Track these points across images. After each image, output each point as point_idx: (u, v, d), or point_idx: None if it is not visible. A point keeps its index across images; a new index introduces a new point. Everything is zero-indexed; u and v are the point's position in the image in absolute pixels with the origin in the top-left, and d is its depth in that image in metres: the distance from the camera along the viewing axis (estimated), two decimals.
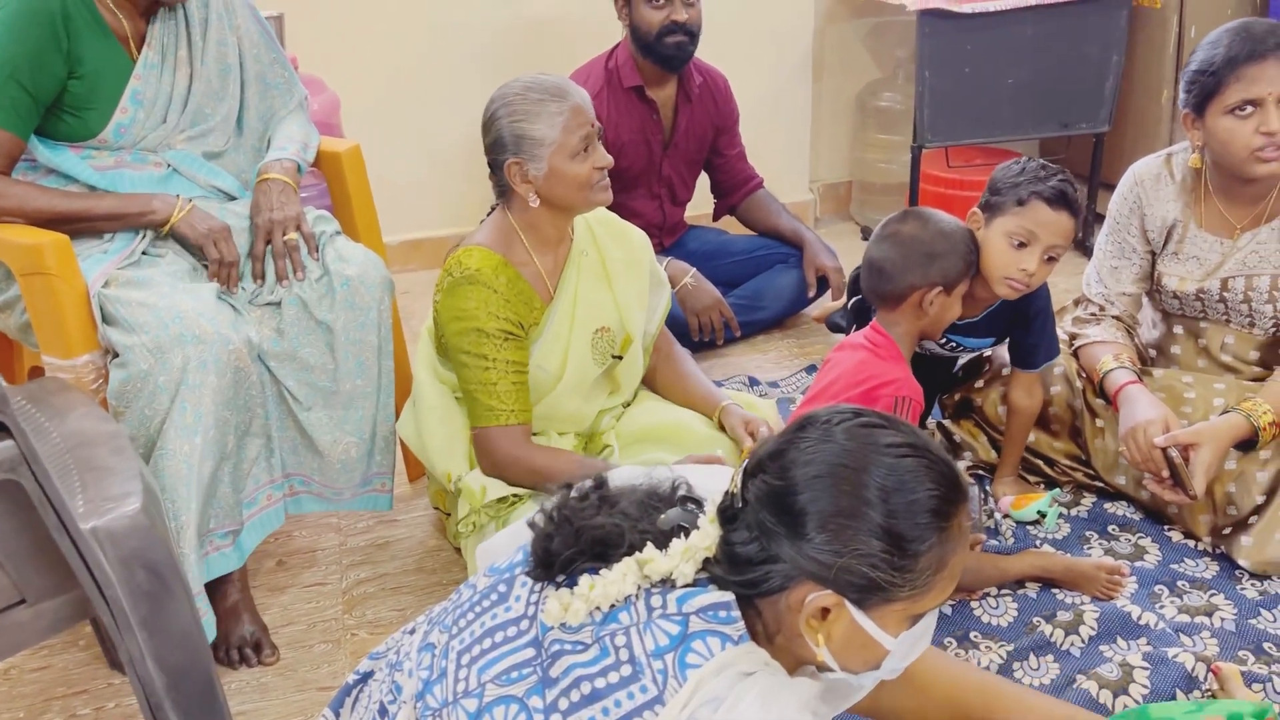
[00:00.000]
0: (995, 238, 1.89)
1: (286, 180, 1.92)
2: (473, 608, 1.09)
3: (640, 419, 2.07)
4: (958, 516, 0.99)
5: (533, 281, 1.89)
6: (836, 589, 0.97)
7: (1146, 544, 2.00)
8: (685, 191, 3.01)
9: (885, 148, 3.67)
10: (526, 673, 1.00)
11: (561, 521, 1.05)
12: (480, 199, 1.98)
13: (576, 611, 0.99)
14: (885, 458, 0.97)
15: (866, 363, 1.84)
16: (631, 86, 2.77)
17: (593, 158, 1.82)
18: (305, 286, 1.89)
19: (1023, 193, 1.87)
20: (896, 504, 0.96)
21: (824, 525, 0.96)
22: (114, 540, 1.21)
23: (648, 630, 0.97)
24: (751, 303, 2.93)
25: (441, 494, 2.06)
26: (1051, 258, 1.88)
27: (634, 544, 1.02)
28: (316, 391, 1.91)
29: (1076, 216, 1.88)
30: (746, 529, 0.99)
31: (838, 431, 0.99)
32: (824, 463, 0.97)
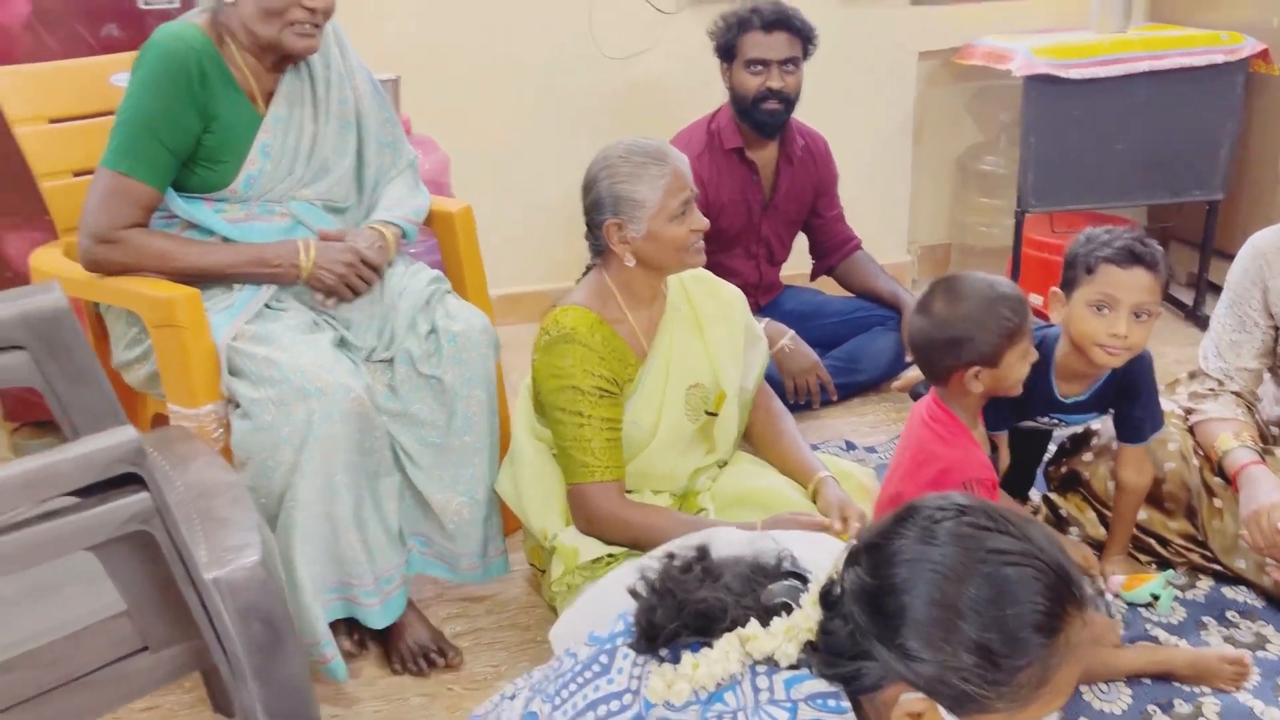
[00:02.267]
0: (1078, 309, 1.86)
1: (382, 231, 1.98)
2: (575, 678, 1.08)
3: (736, 482, 2.05)
4: (1066, 630, 0.93)
5: (627, 339, 1.91)
6: (929, 695, 0.94)
7: (1270, 633, 1.91)
8: (783, 252, 3.02)
9: (986, 211, 3.63)
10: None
11: (664, 593, 1.04)
12: (578, 255, 2.01)
13: (680, 692, 0.98)
14: (987, 566, 0.93)
15: (927, 443, 1.81)
16: (732, 148, 2.80)
17: (689, 220, 1.85)
18: (414, 343, 1.94)
19: (1090, 260, 1.85)
20: (995, 617, 0.91)
21: (917, 633, 0.93)
22: (234, 591, 1.24)
23: (755, 717, 0.96)
24: (848, 365, 2.90)
25: (537, 550, 2.07)
26: (1140, 315, 1.83)
27: (737, 619, 1.01)
28: (428, 448, 1.95)
29: (1153, 270, 1.82)
30: (843, 620, 0.97)
31: (940, 531, 0.95)
32: (922, 566, 0.94)
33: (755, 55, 2.70)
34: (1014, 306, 1.75)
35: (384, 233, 1.98)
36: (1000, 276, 1.83)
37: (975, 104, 3.65)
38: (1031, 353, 1.79)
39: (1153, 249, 1.84)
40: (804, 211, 2.98)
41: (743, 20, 2.71)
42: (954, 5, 3.47)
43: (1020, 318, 1.76)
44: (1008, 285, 1.79)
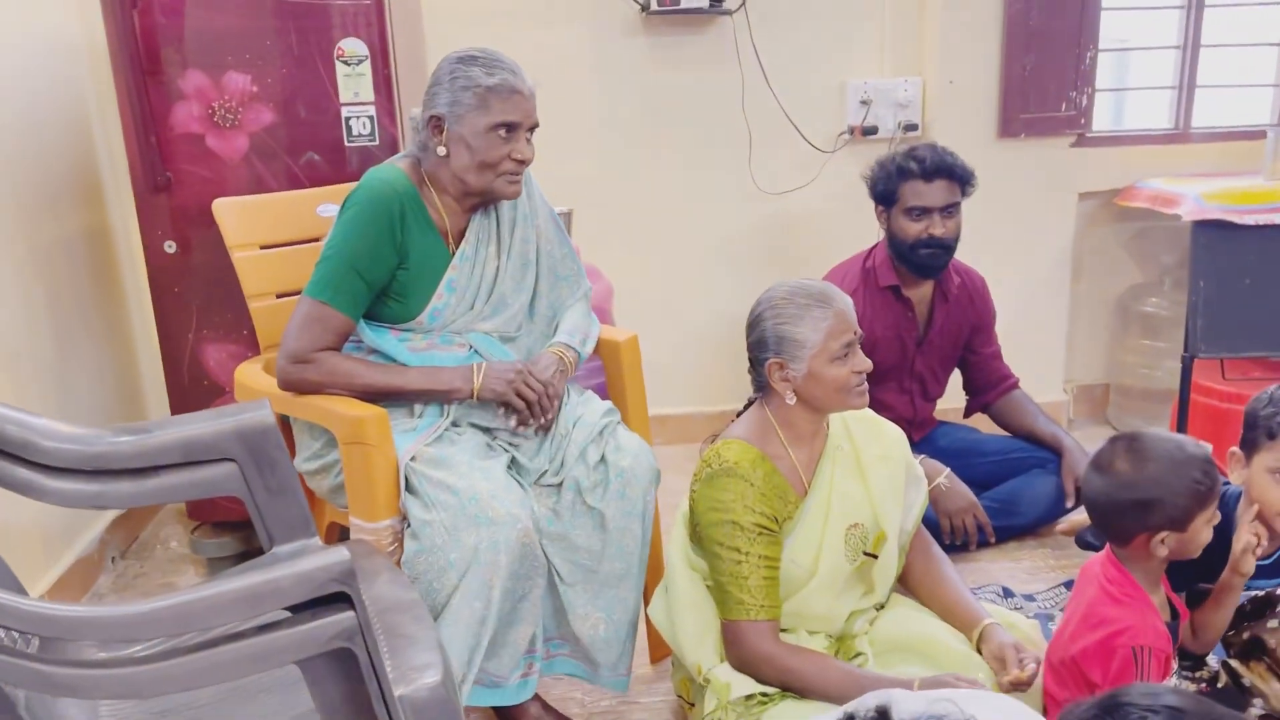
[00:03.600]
0: (1259, 475, 1.81)
1: (562, 355, 2.08)
2: None
3: (894, 627, 2.01)
4: None
5: (788, 475, 1.92)
6: None
7: None
8: (937, 388, 3.00)
9: (1147, 353, 3.54)
10: None
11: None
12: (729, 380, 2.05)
13: None
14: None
15: (1099, 603, 1.75)
16: (887, 285, 2.83)
17: (852, 362, 1.87)
18: (583, 472, 2.00)
19: (1272, 426, 1.79)
20: None
21: None
22: (417, 710, 1.28)
23: None
24: (1006, 507, 2.83)
25: (686, 682, 2.06)
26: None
27: None
28: (579, 570, 2.01)
29: None
30: None
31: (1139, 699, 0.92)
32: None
33: (916, 203, 2.73)
34: (1205, 469, 1.70)
35: (563, 355, 2.07)
36: (1185, 435, 1.78)
37: (1136, 245, 3.59)
38: (1216, 516, 1.73)
39: None
40: (959, 348, 2.96)
41: (902, 169, 2.74)
42: (1115, 147, 3.46)
43: (1212, 480, 1.70)
44: (1194, 445, 1.73)
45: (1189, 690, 2.01)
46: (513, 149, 1.95)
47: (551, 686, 2.23)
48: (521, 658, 1.96)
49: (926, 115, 3.38)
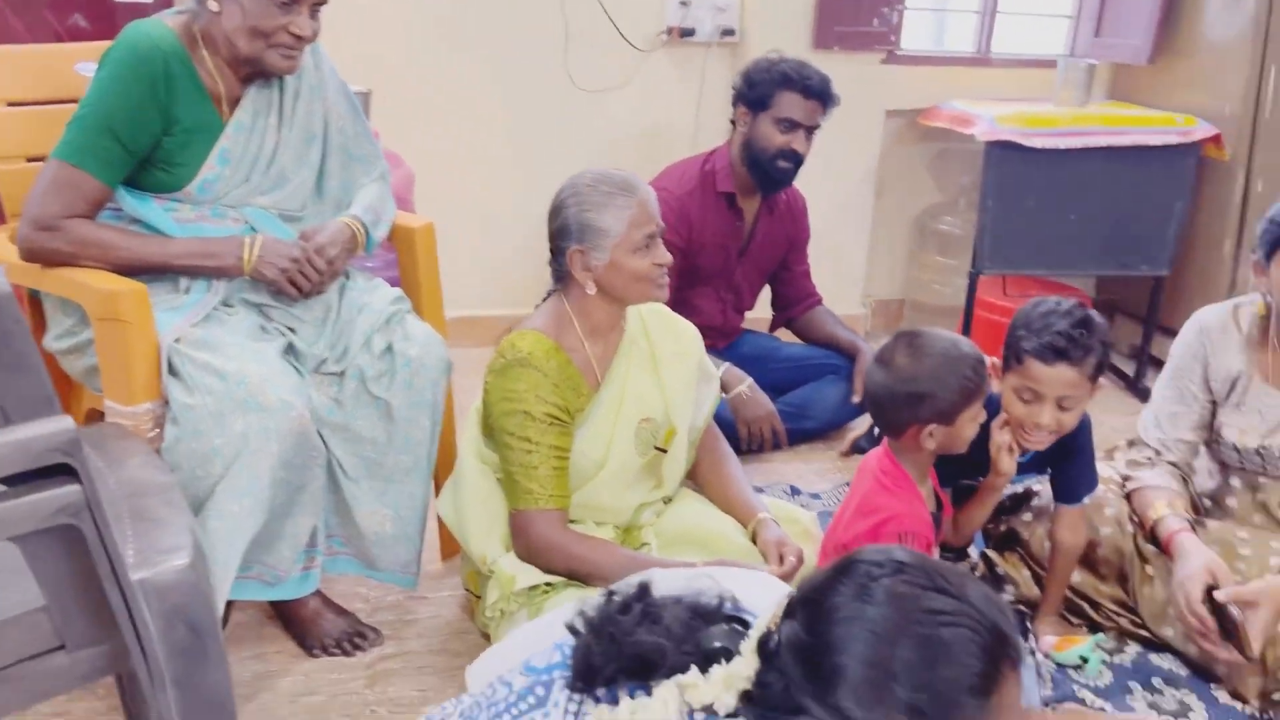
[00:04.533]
0: (1007, 393, 1.91)
1: (347, 224, 1.96)
2: (509, 709, 1.06)
3: (680, 519, 2.05)
4: (1000, 692, 0.92)
5: (582, 368, 1.91)
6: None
7: (1192, 701, 1.94)
8: (750, 299, 3.05)
9: (941, 270, 3.69)
10: None
11: (602, 633, 1.02)
12: (536, 283, 2.01)
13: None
14: (923, 628, 0.92)
15: (872, 493, 1.83)
16: (723, 192, 2.83)
17: (654, 254, 1.85)
18: (367, 361, 1.92)
19: (1018, 350, 1.88)
20: (928, 680, 0.90)
21: (850, 692, 0.92)
22: (160, 594, 1.20)
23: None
24: (799, 411, 2.92)
25: (474, 576, 2.04)
26: (1065, 406, 1.86)
27: (675, 665, 1.00)
28: (362, 463, 1.94)
29: (1078, 365, 1.83)
30: (778, 673, 0.96)
31: (878, 590, 0.94)
32: (858, 625, 0.93)
33: (789, 115, 2.72)
34: (975, 367, 1.78)
35: (353, 228, 1.96)
36: (962, 336, 1.85)
37: (936, 165, 3.72)
38: (982, 414, 1.81)
39: (1079, 341, 1.84)
40: (775, 263, 3.02)
41: (789, 78, 2.72)
42: (923, 67, 3.54)
43: (980, 379, 1.78)
44: (969, 345, 1.81)
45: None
46: (291, 22, 1.80)
47: (335, 583, 2.17)
48: (302, 551, 1.89)
49: (744, 21, 3.37)
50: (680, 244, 2.72)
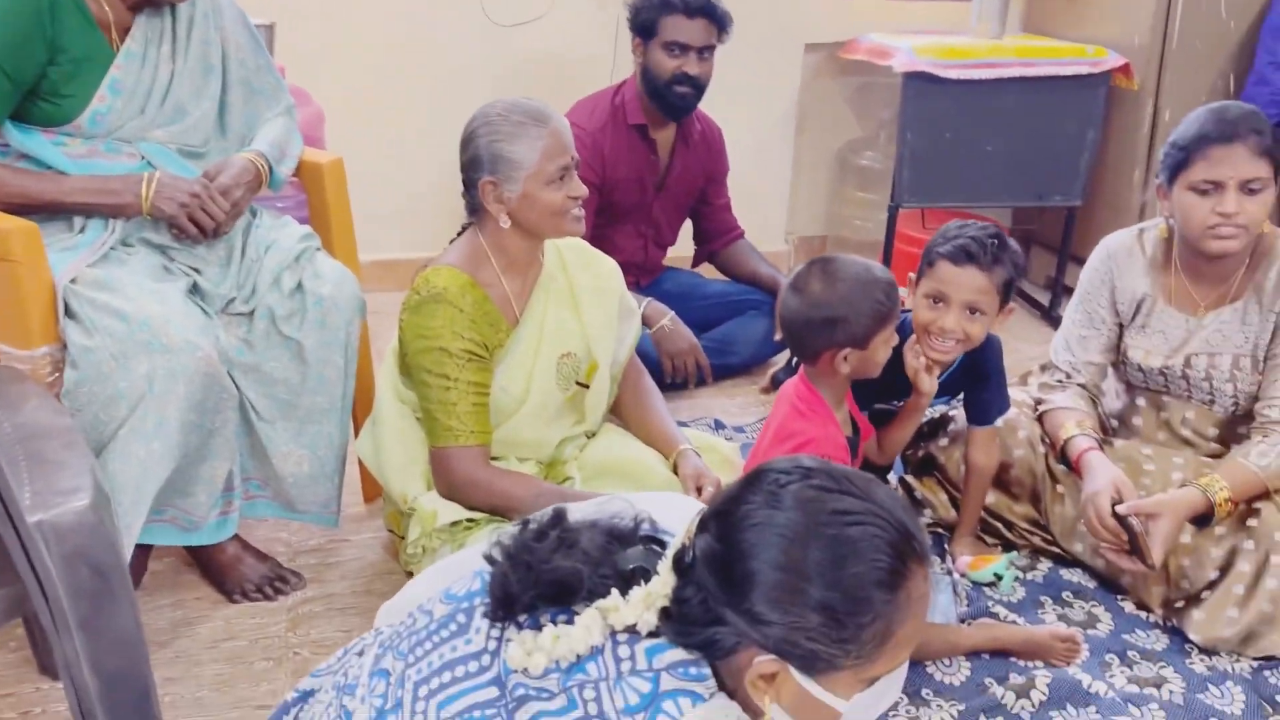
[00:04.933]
0: (918, 300, 1.94)
1: (250, 160, 1.90)
2: (430, 636, 1.06)
3: (603, 452, 2.05)
4: (908, 586, 0.95)
5: (499, 303, 1.88)
6: (780, 656, 0.95)
7: (1099, 613, 2.01)
8: (670, 235, 3.04)
9: (863, 205, 3.72)
10: (490, 714, 0.97)
11: (519, 561, 1.02)
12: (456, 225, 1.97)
13: (538, 663, 0.97)
14: (830, 529, 0.93)
15: (789, 419, 1.85)
16: (634, 125, 2.79)
17: (568, 187, 1.82)
18: (277, 300, 1.87)
19: (931, 255, 1.92)
20: (838, 579, 0.92)
21: (764, 597, 0.93)
22: (59, 535, 1.17)
23: (618, 688, 0.95)
24: (722, 347, 2.93)
25: (396, 516, 2.03)
26: (973, 312, 1.89)
27: (594, 589, 1.00)
28: (276, 404, 1.90)
29: (986, 269, 1.87)
30: (694, 587, 0.97)
31: (786, 496, 0.96)
32: (768, 531, 0.94)
33: (675, 38, 2.69)
34: (887, 290, 1.79)
35: (256, 163, 1.90)
36: (873, 260, 1.87)
37: (857, 99, 3.72)
38: (894, 337, 1.83)
39: (989, 248, 1.88)
40: (694, 196, 3.00)
41: (666, 1, 2.69)
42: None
43: (892, 302, 1.80)
44: (881, 269, 1.83)
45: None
46: None
47: (255, 529, 2.14)
48: (219, 496, 1.85)
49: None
50: (595, 180, 2.70)
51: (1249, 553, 1.88)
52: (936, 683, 1.80)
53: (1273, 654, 1.86)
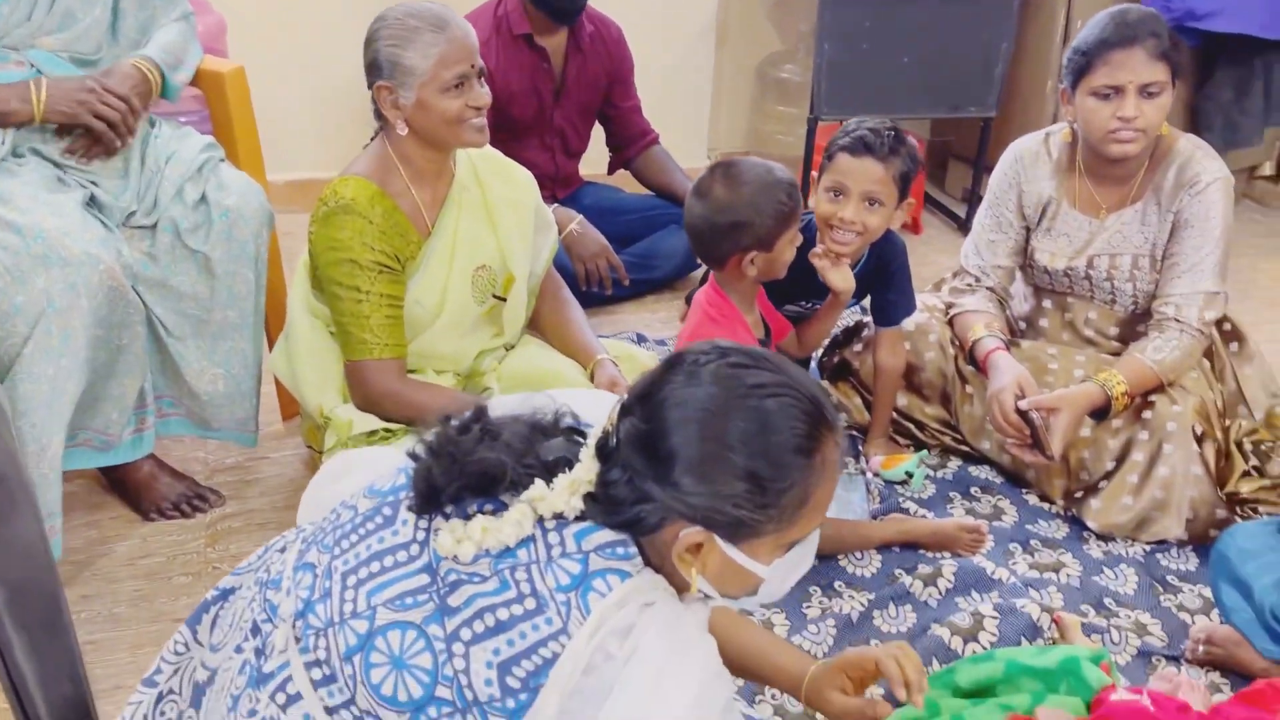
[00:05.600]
0: (820, 194, 1.96)
1: (143, 70, 1.84)
2: (356, 529, 1.06)
3: (522, 363, 2.06)
4: (822, 451, 0.99)
5: (410, 214, 1.86)
6: (705, 526, 0.98)
7: (1005, 505, 2.09)
8: (579, 142, 2.98)
9: (784, 119, 3.71)
10: (422, 600, 0.99)
11: (442, 454, 1.03)
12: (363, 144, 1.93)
13: (467, 551, 0.98)
14: (749, 400, 0.97)
15: (700, 325, 1.86)
16: (521, 34, 2.73)
17: (467, 96, 1.78)
18: (180, 212, 1.82)
19: (831, 149, 1.94)
20: (759, 446, 0.96)
21: (689, 469, 0.97)
22: None
23: (549, 569, 0.97)
24: (643, 261, 2.93)
25: (314, 432, 2.01)
26: (872, 204, 1.91)
27: (517, 479, 1.01)
28: (186, 320, 1.87)
29: (883, 160, 1.89)
30: (619, 469, 1.00)
31: (704, 373, 0.99)
32: (689, 407, 0.98)
33: None
34: (789, 191, 1.80)
35: (143, 69, 1.83)
36: (774, 162, 1.87)
37: (777, 11, 3.70)
38: (798, 237, 1.85)
39: (886, 140, 1.90)
40: (597, 100, 2.94)
41: None
42: None
43: (795, 202, 1.81)
44: (782, 170, 1.83)
45: None
46: None
47: (172, 448, 2.12)
48: (131, 414, 1.83)
49: None
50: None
51: (1143, 443, 1.97)
52: (849, 575, 1.86)
53: (1164, 538, 1.95)
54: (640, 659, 0.92)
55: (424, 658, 0.96)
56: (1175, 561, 1.93)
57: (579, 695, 0.92)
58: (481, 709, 0.94)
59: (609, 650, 0.93)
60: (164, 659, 1.14)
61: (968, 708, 1.37)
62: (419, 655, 0.96)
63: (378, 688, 0.97)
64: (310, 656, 1.00)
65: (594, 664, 0.93)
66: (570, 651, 0.93)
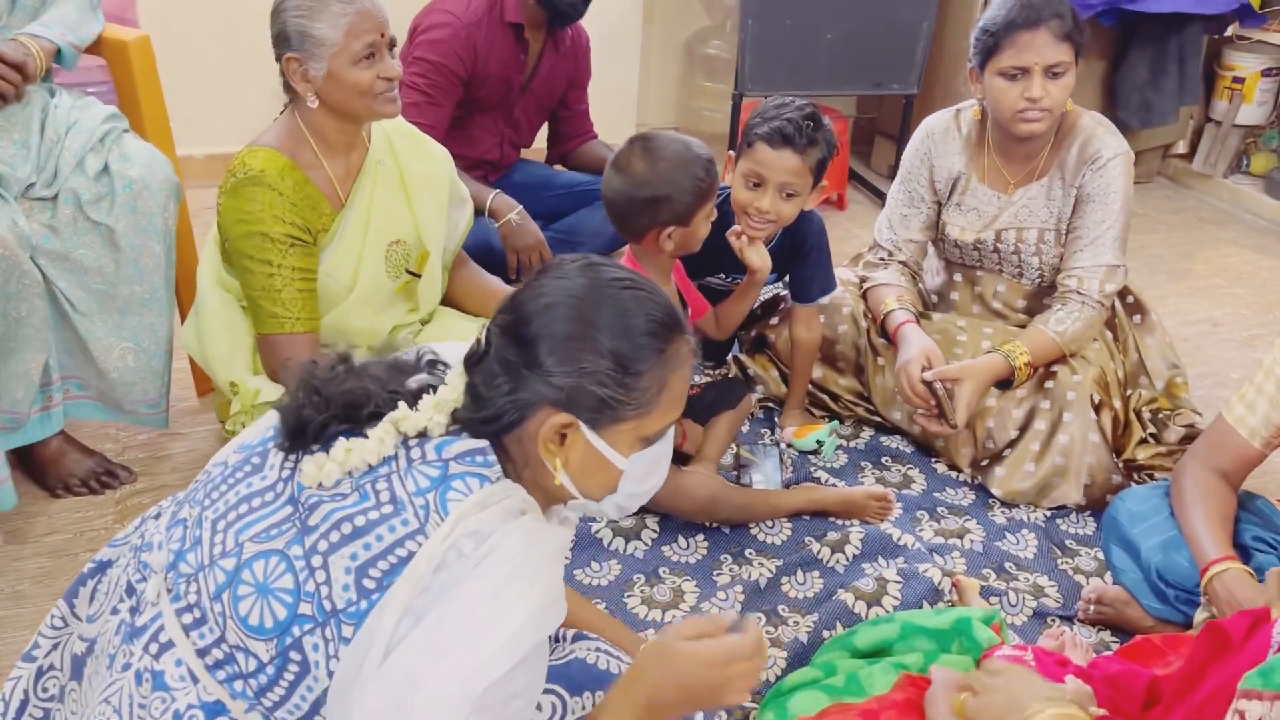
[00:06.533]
0: (736, 179, 1.98)
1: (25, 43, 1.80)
2: (224, 480, 1.07)
3: (440, 333, 2.05)
4: (675, 344, 1.05)
5: (322, 186, 1.84)
6: (570, 410, 1.02)
7: (914, 474, 2.14)
8: (529, 136, 2.99)
9: (712, 95, 3.73)
10: (286, 528, 1.00)
11: (310, 391, 1.05)
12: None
13: (330, 473, 1.00)
14: (610, 290, 1.04)
15: None
16: (511, 23, 2.72)
17: (378, 67, 1.77)
18: (82, 183, 1.79)
19: (750, 135, 1.96)
20: (620, 327, 1.02)
21: (555, 349, 1.01)
22: None
23: (408, 475, 0.99)
24: (568, 237, 2.93)
25: (226, 408, 1.99)
26: (791, 194, 1.94)
27: (382, 404, 1.04)
28: (91, 295, 1.84)
29: (801, 153, 1.92)
30: (486, 370, 1.04)
31: (569, 269, 1.06)
32: (556, 294, 1.03)
33: None
34: (706, 167, 1.81)
35: (27, 44, 1.79)
36: (692, 137, 1.88)
37: None
38: (714, 213, 1.87)
39: (805, 130, 1.92)
40: (555, 100, 2.95)
41: None
42: None
43: (711, 178, 1.82)
44: (700, 146, 1.84)
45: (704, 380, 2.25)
46: None
47: (82, 425, 2.08)
48: (38, 391, 1.79)
49: None
50: (462, 74, 2.64)
51: (1045, 411, 2.03)
52: (759, 543, 1.90)
53: (1063, 503, 2.02)
54: (492, 563, 0.94)
55: (286, 579, 0.97)
56: (1074, 526, 2.00)
57: (427, 592, 0.93)
58: (337, 619, 0.95)
59: (462, 549, 0.95)
60: (42, 634, 1.13)
61: (863, 667, 1.41)
62: (281, 578, 0.97)
63: (245, 619, 0.98)
64: (181, 603, 1.01)
65: (446, 561, 0.94)
66: (425, 549, 0.94)
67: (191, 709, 0.99)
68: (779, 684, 1.45)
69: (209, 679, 1.00)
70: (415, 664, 0.90)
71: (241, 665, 0.98)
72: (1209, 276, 3.21)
